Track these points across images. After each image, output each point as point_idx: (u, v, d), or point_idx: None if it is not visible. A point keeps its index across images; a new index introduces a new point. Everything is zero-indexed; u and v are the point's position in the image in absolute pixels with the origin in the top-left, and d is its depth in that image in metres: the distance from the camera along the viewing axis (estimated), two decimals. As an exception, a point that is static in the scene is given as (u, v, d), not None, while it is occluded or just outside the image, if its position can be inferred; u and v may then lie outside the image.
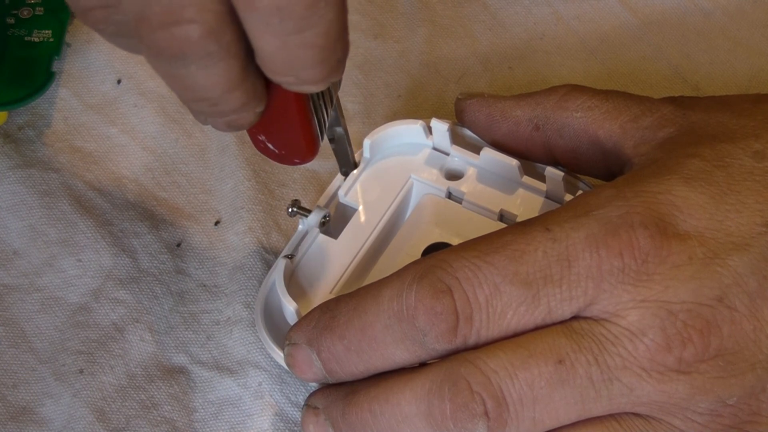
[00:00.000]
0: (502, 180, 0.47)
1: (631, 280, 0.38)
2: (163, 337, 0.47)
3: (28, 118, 0.52)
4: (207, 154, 0.51)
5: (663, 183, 0.40)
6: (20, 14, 0.51)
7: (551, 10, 0.55)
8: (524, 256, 0.39)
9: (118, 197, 0.50)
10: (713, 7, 0.55)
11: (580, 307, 0.39)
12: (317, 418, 0.42)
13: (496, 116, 0.47)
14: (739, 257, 0.39)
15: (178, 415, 0.45)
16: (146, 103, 0.52)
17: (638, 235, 0.38)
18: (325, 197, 0.47)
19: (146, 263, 0.48)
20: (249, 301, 0.47)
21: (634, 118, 0.44)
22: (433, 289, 0.39)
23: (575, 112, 0.45)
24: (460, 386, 0.38)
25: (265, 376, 0.45)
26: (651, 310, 0.38)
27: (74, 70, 0.53)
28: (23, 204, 0.49)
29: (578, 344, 0.38)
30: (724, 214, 0.39)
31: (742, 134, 0.41)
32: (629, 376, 0.38)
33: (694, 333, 0.38)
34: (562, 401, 0.38)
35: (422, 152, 0.48)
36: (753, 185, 0.40)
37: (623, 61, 0.54)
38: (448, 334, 0.39)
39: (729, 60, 0.53)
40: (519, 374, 0.38)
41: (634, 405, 0.39)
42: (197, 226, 0.49)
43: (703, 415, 0.39)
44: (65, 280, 0.48)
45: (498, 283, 0.39)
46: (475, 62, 0.54)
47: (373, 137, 0.47)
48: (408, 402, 0.39)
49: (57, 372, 0.46)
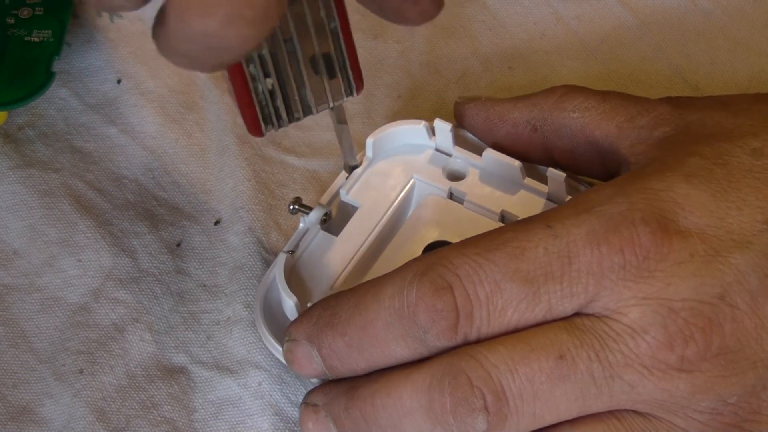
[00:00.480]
0: (503, 181, 0.47)
1: (632, 276, 0.38)
2: (163, 337, 0.47)
3: (28, 118, 0.52)
4: (207, 154, 0.51)
5: (664, 180, 0.40)
6: (20, 14, 0.51)
7: (551, 10, 0.55)
8: (525, 253, 0.39)
9: (118, 197, 0.50)
10: (713, 7, 0.55)
11: (581, 304, 0.39)
12: (317, 416, 0.42)
13: (495, 119, 0.47)
14: (740, 255, 0.39)
15: (178, 415, 0.45)
16: (146, 103, 0.52)
17: (639, 231, 0.38)
18: (327, 195, 0.47)
19: (146, 263, 0.48)
20: (249, 300, 0.47)
21: (631, 118, 0.44)
22: (434, 286, 0.39)
23: (572, 113, 0.45)
24: (460, 380, 0.38)
25: (265, 376, 0.45)
26: (652, 308, 0.38)
27: (74, 70, 0.53)
28: (23, 204, 0.49)
29: (580, 340, 0.38)
30: (725, 212, 0.39)
31: (740, 133, 0.41)
32: (630, 374, 0.38)
33: (696, 331, 0.38)
34: (563, 397, 0.38)
35: (425, 153, 0.48)
36: (753, 182, 0.40)
37: (623, 61, 0.54)
38: (449, 332, 0.39)
39: (729, 60, 0.53)
40: (519, 369, 0.38)
41: (635, 402, 0.39)
42: (197, 226, 0.49)
43: (704, 414, 0.39)
44: (65, 280, 0.48)
45: (499, 280, 0.39)
46: (475, 62, 0.54)
47: (376, 137, 0.48)
48: (409, 396, 0.39)
49: (57, 372, 0.46)
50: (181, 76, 0.53)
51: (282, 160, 0.51)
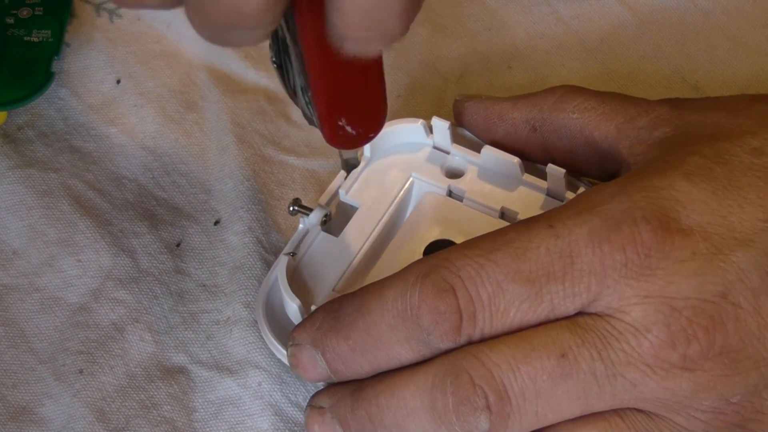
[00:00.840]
0: (503, 178, 0.47)
1: (634, 274, 0.38)
2: (163, 337, 0.46)
3: (28, 118, 0.52)
4: (207, 154, 0.51)
5: (665, 179, 0.40)
6: (20, 14, 0.51)
7: (551, 10, 0.55)
8: (527, 253, 0.39)
9: (117, 197, 0.50)
10: (713, 6, 0.55)
11: (583, 304, 0.39)
12: (323, 418, 0.42)
13: (494, 118, 0.47)
14: (742, 253, 0.39)
15: (178, 415, 0.45)
16: (146, 103, 0.52)
17: (641, 229, 0.38)
18: (326, 196, 0.47)
19: (146, 263, 0.48)
20: (249, 300, 0.47)
21: (630, 119, 0.44)
22: (437, 288, 0.39)
23: (572, 113, 0.45)
24: (463, 380, 0.38)
25: (265, 376, 0.45)
26: (655, 306, 0.38)
27: (74, 70, 0.53)
28: (23, 204, 0.49)
29: (582, 339, 0.38)
30: (727, 210, 0.39)
31: (739, 132, 0.41)
32: (633, 372, 0.38)
33: (699, 330, 0.38)
34: (565, 395, 0.38)
35: (423, 151, 0.48)
36: (753, 181, 0.40)
37: (623, 60, 0.54)
38: (452, 333, 0.39)
39: (729, 60, 0.53)
40: (521, 368, 0.38)
41: (637, 401, 0.39)
42: (197, 226, 0.49)
43: (706, 413, 0.39)
44: (65, 280, 0.48)
45: (501, 281, 0.39)
46: (474, 62, 0.54)
47: None
48: (413, 395, 0.39)
49: (57, 372, 0.46)
50: (181, 76, 0.53)
51: (282, 160, 0.51)
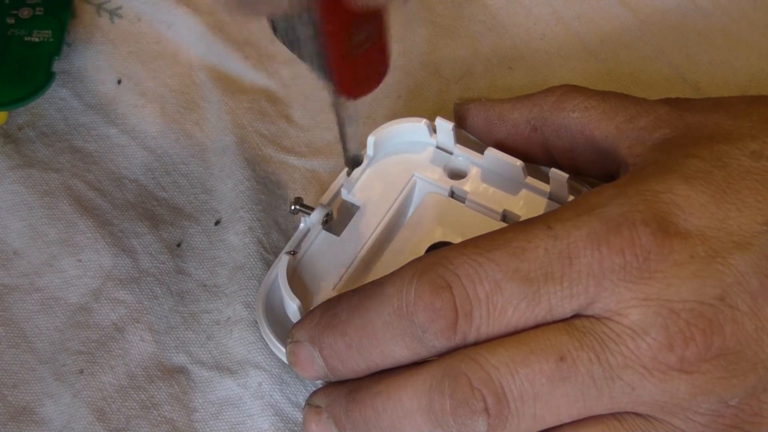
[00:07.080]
0: (505, 180, 0.47)
1: (633, 277, 0.38)
2: (163, 337, 0.47)
3: (28, 118, 0.52)
4: (207, 154, 0.51)
5: (664, 182, 0.40)
6: (20, 14, 0.51)
7: (551, 10, 0.55)
8: (525, 253, 0.39)
9: (118, 197, 0.50)
10: (713, 7, 0.55)
11: (581, 305, 0.39)
12: (319, 417, 0.42)
13: (494, 120, 0.47)
14: (740, 256, 0.39)
15: (178, 415, 0.45)
16: (146, 103, 0.52)
17: (640, 232, 0.38)
18: (328, 195, 0.47)
19: (146, 263, 0.48)
20: (249, 301, 0.47)
21: (630, 119, 0.44)
22: (433, 285, 0.39)
23: (572, 112, 0.45)
24: (461, 382, 0.38)
25: (265, 377, 0.45)
26: (653, 309, 0.38)
27: (74, 70, 0.53)
28: (23, 204, 0.49)
29: (580, 342, 0.38)
30: (725, 213, 0.39)
31: (739, 135, 0.41)
32: (631, 375, 0.38)
33: (697, 332, 0.38)
34: (563, 399, 0.38)
35: (426, 151, 0.48)
36: (752, 184, 0.40)
37: (623, 61, 0.54)
38: (447, 331, 0.39)
39: (729, 60, 0.53)
40: (520, 370, 0.38)
41: (636, 404, 0.39)
42: (197, 226, 0.49)
43: (705, 416, 0.39)
44: (65, 280, 0.48)
45: (498, 280, 0.39)
46: (475, 62, 0.54)
47: (377, 135, 0.47)
48: (409, 398, 0.39)
49: (57, 372, 0.46)
50: (181, 77, 0.53)
51: (282, 160, 0.51)
